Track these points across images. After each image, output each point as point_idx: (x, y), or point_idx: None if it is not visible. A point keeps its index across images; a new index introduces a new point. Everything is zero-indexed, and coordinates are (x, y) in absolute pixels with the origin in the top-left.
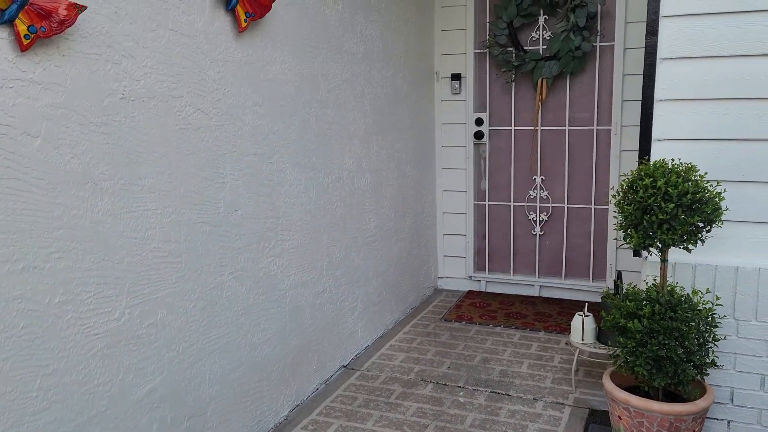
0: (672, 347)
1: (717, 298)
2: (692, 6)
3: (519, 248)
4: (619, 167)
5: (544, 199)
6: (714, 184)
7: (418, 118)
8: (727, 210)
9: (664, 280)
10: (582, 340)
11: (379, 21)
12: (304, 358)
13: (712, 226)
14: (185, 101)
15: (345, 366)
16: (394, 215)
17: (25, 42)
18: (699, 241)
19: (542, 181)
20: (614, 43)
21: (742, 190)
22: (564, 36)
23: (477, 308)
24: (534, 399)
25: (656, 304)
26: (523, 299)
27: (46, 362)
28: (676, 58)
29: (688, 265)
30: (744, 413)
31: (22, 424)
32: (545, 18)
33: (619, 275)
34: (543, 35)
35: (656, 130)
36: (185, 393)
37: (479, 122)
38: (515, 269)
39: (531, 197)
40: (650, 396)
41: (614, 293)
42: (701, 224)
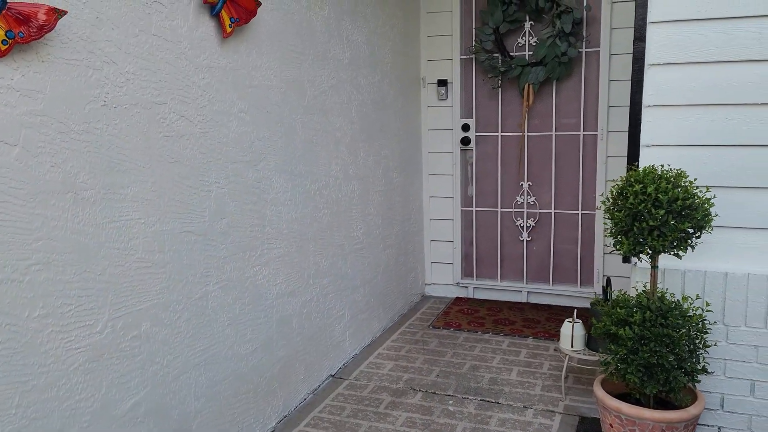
0: (663, 354)
1: (707, 305)
2: (679, 12)
3: (506, 254)
4: (606, 173)
5: (531, 205)
6: (703, 190)
7: (405, 124)
8: (717, 216)
9: (655, 287)
10: (572, 347)
11: (366, 27)
12: (292, 369)
13: (702, 232)
14: (169, 108)
15: (333, 375)
16: (382, 222)
17: (3, 48)
18: (689, 247)
19: (529, 187)
20: (600, 49)
21: (731, 196)
22: (550, 42)
23: (465, 315)
24: (524, 407)
25: (647, 311)
26: (511, 305)
27: (26, 378)
28: (664, 64)
29: (678, 271)
30: (734, 419)
31: None
32: (531, 24)
33: (608, 281)
34: (529, 41)
35: (644, 136)
36: (170, 407)
37: (466, 128)
38: (503, 275)
39: (518, 203)
40: (641, 403)
41: (603, 299)
42: (691, 230)
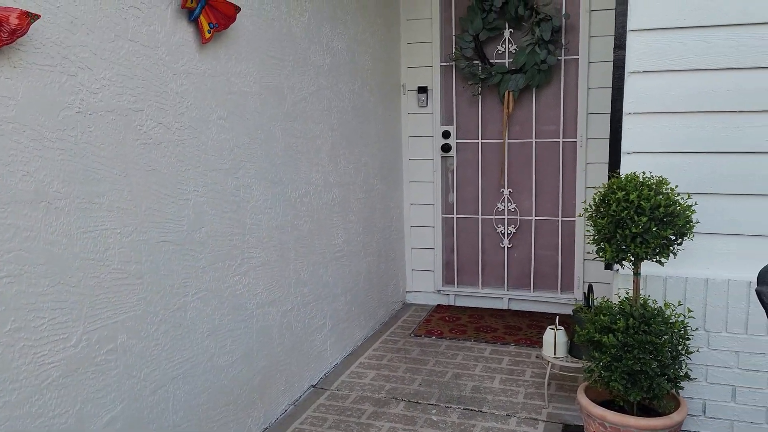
0: (647, 361)
1: (689, 311)
2: (659, 20)
3: (487, 261)
4: (586, 179)
5: (512, 212)
6: (685, 197)
7: (385, 131)
8: (698, 223)
9: (637, 294)
10: (554, 355)
11: (346, 33)
12: (272, 379)
13: (684, 239)
14: (146, 115)
15: (314, 386)
16: (362, 230)
17: None
18: (671, 254)
19: (510, 194)
20: (579, 57)
21: (710, 203)
22: (530, 49)
23: (447, 322)
24: (507, 415)
25: (630, 318)
26: (493, 312)
27: None
28: (644, 72)
29: (659, 278)
30: (716, 425)
31: None
32: (510, 32)
33: (590, 288)
34: (508, 48)
35: (625, 143)
36: (147, 421)
37: (446, 135)
38: (484, 282)
39: (499, 210)
40: (625, 410)
41: (585, 306)
42: (673, 237)
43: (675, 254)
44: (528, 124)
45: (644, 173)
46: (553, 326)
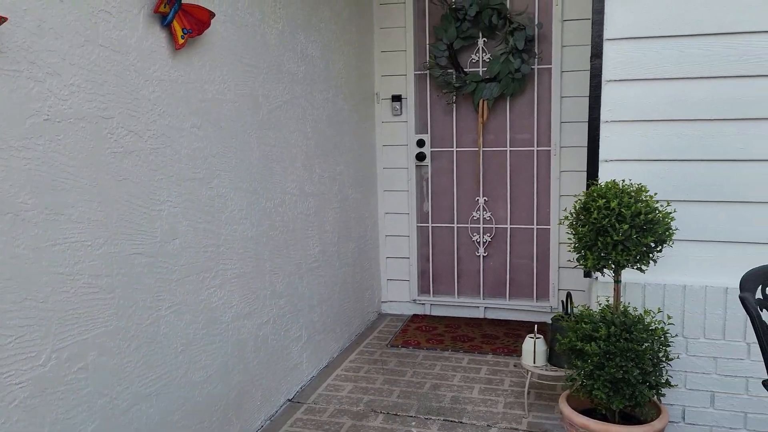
0: (629, 369)
1: (669, 318)
2: (634, 29)
3: (463, 270)
4: (560, 187)
5: (488, 220)
6: (664, 204)
7: (359, 140)
8: (677, 230)
9: (618, 301)
10: (534, 363)
11: (320, 41)
12: (248, 395)
13: (663, 246)
14: (117, 122)
15: (290, 400)
16: (338, 239)
17: None
18: (651, 261)
19: (485, 202)
20: (552, 66)
21: (687, 210)
22: (504, 58)
23: (423, 332)
24: (488, 425)
25: (612, 326)
26: (469, 321)
27: None
28: (620, 80)
29: (638, 285)
30: (696, 431)
31: None
32: (484, 41)
33: (569, 296)
34: (482, 57)
35: (603, 151)
36: None
37: (421, 144)
38: (460, 291)
39: (474, 218)
40: (607, 419)
41: (564, 314)
42: (653, 244)
43: (655, 261)
44: (502, 133)
45: (623, 181)
46: (532, 335)
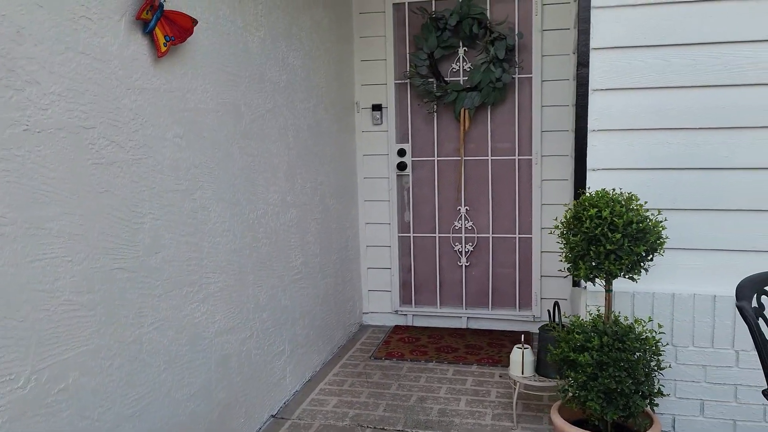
0: (622, 379)
1: (660, 326)
2: (620, 39)
3: (445, 280)
4: (541, 196)
5: (469, 230)
6: (655, 213)
7: (340, 150)
8: (668, 238)
9: (610, 311)
10: (522, 374)
11: (301, 49)
12: (232, 412)
13: (654, 255)
14: (98, 133)
15: (274, 416)
16: (320, 251)
17: None
18: (642, 270)
19: (467, 212)
20: (532, 75)
21: (673, 218)
22: (485, 67)
23: (406, 344)
24: None
25: (604, 336)
26: (452, 332)
27: None
28: (607, 90)
29: (627, 294)
30: None
31: None
32: (465, 50)
33: (556, 305)
34: (463, 66)
35: (590, 160)
36: None
37: (402, 153)
38: (442, 302)
39: (456, 228)
40: (599, 430)
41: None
42: (644, 253)
43: (647, 270)
44: (483, 142)
45: (614, 190)
46: (520, 345)
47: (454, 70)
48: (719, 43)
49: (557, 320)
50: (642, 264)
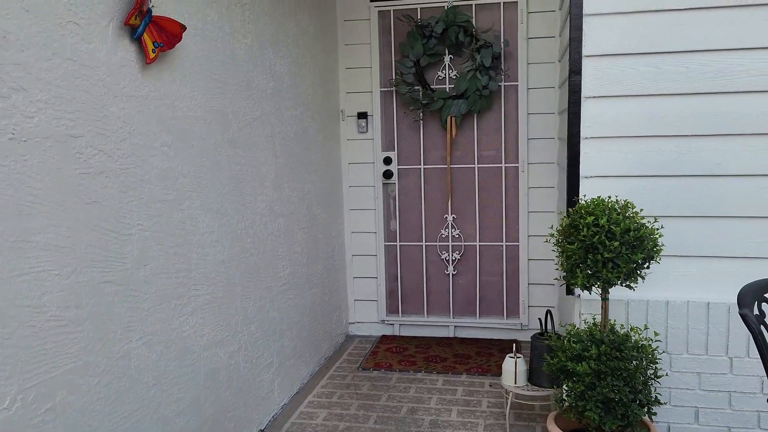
0: (621, 388)
1: (656, 334)
2: (612, 46)
3: (432, 289)
4: (528, 204)
5: (456, 238)
6: (651, 221)
7: (326, 158)
8: (664, 246)
9: (606, 319)
10: (515, 383)
11: (288, 57)
12: (220, 427)
13: (650, 263)
14: (86, 141)
15: (263, 430)
16: (307, 260)
17: None
18: (639, 278)
19: (453, 220)
20: (518, 83)
21: (667, 225)
22: (471, 75)
23: (394, 354)
24: None
25: (602, 345)
26: (440, 341)
27: None
28: (599, 97)
29: (622, 302)
30: None
31: None
32: (450, 57)
33: (549, 313)
34: (449, 74)
35: (583, 168)
36: None
37: (387, 161)
38: (429, 310)
39: (443, 236)
40: None
41: (546, 331)
42: (642, 261)
43: (643, 278)
44: (470, 150)
45: (609, 197)
46: (512, 354)
47: (440, 78)
48: (711, 51)
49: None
50: (639, 272)
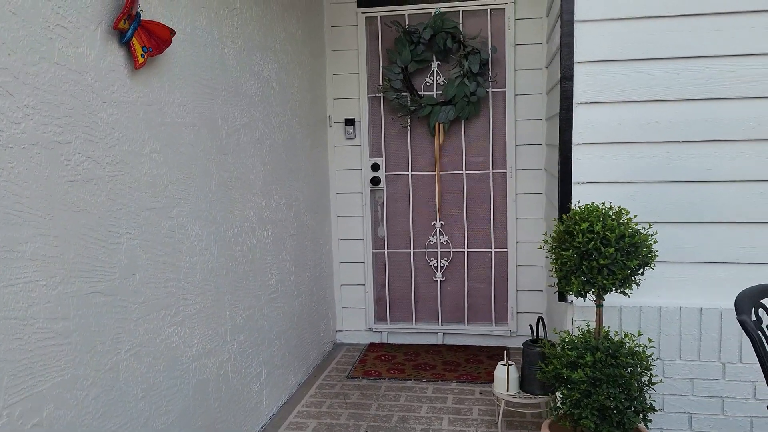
0: (617, 396)
1: (650, 341)
2: (603, 53)
3: (420, 296)
4: (516, 210)
5: (444, 245)
6: (646, 227)
7: (313, 164)
8: (658, 252)
9: (601, 326)
10: (507, 391)
11: (276, 62)
12: None
13: (645, 269)
14: (74, 148)
15: None
16: (295, 268)
17: None
18: (634, 284)
19: (442, 226)
20: (506, 90)
21: (659, 231)
22: (459, 81)
23: (383, 362)
24: None
25: (597, 352)
26: (428, 348)
27: None
28: (591, 103)
29: (615, 308)
30: None
31: None
32: (438, 64)
33: (541, 320)
34: (437, 80)
35: (576, 174)
36: None
37: (375, 168)
38: (417, 317)
39: (431, 243)
40: None
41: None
42: (637, 267)
43: (638, 284)
44: (458, 156)
45: (603, 203)
46: (504, 361)
47: (428, 84)
48: (701, 57)
49: (542, 335)
50: (633, 278)
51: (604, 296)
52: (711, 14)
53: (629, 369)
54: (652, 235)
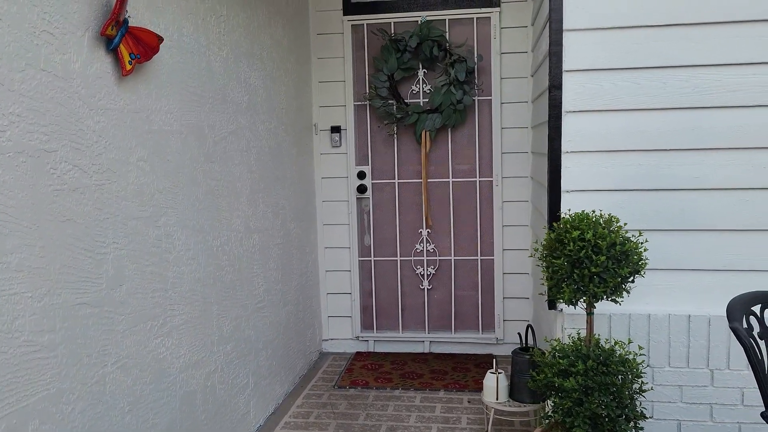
0: (609, 404)
1: (640, 348)
2: (591, 61)
3: (407, 304)
4: (503, 218)
5: (431, 252)
6: (636, 234)
7: (299, 172)
8: (648, 260)
9: (591, 334)
10: (497, 399)
11: (263, 70)
12: None
13: (635, 277)
14: (60, 156)
15: None
16: (281, 277)
17: None
18: (625, 292)
19: (428, 234)
20: (492, 98)
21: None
22: (445, 89)
23: (370, 371)
24: None
25: (588, 360)
26: (415, 357)
27: None
28: (579, 112)
29: (604, 315)
30: None
31: None
32: (424, 72)
33: (530, 328)
34: (423, 88)
35: (564, 182)
36: None
37: (361, 176)
38: (404, 326)
39: (417, 251)
40: None
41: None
42: (627, 275)
43: (628, 292)
44: (444, 164)
45: (593, 212)
46: (493, 370)
47: (414, 92)
48: (687, 66)
49: (531, 343)
50: (624, 286)
51: (595, 304)
52: (696, 24)
53: (620, 377)
54: (643, 243)
